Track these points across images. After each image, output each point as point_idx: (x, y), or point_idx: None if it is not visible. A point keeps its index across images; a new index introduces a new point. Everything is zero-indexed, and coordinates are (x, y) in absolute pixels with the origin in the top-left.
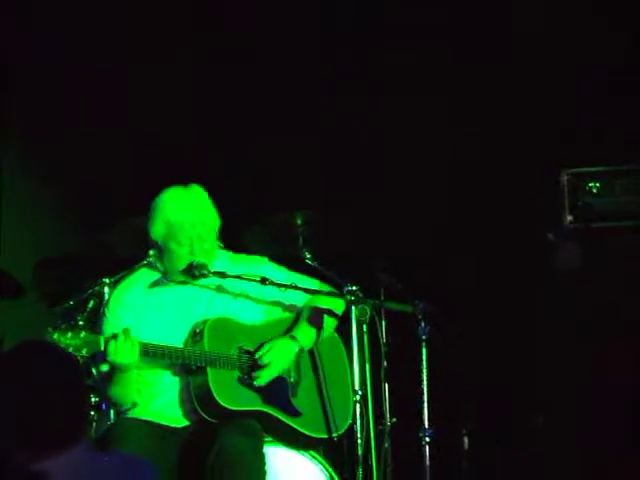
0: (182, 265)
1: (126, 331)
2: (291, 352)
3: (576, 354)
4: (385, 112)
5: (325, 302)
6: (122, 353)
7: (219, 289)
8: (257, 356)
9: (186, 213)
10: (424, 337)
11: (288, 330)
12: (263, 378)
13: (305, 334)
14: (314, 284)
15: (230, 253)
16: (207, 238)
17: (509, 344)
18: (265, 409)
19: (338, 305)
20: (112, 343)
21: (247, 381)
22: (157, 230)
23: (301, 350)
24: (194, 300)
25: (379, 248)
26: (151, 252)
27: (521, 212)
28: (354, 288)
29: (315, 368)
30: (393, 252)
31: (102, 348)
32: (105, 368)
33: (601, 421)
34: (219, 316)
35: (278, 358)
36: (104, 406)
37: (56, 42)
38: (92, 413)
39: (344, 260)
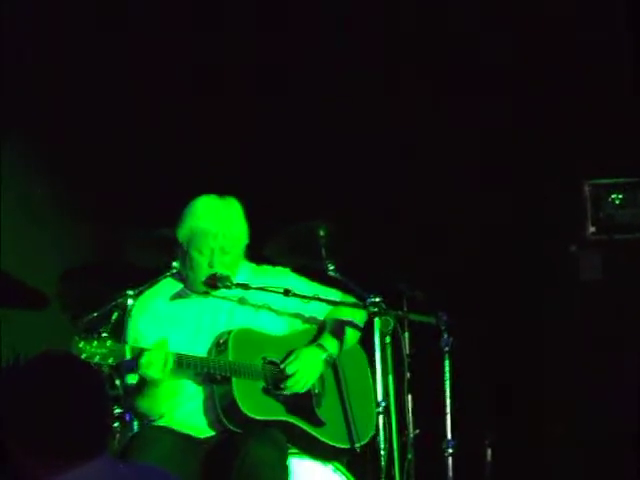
0: (201, 275)
1: (161, 344)
2: (319, 360)
3: (598, 365)
4: (408, 123)
5: (347, 314)
6: (155, 367)
7: (241, 301)
8: (282, 366)
9: (212, 223)
10: (447, 348)
11: (313, 340)
12: (289, 387)
13: (331, 342)
14: (336, 295)
15: (253, 265)
16: (229, 251)
17: (532, 355)
18: (289, 419)
19: (360, 316)
20: (146, 355)
21: (272, 391)
22: (183, 233)
23: (330, 357)
24: (216, 312)
25: (402, 259)
26: (174, 264)
27: (543, 223)
28: (377, 299)
29: (338, 379)
30: (415, 263)
31: (128, 357)
32: (132, 379)
33: (622, 431)
34: (243, 327)
35: (305, 367)
36: (127, 417)
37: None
38: (115, 424)
39: (367, 271)
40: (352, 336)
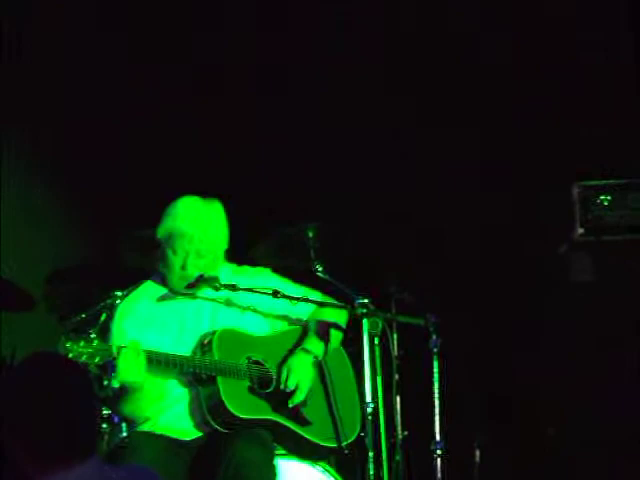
0: (174, 276)
1: (131, 347)
2: (308, 365)
3: (588, 367)
4: (397, 126)
5: (330, 315)
6: (131, 371)
7: (225, 301)
8: (282, 386)
9: (189, 225)
10: (435, 350)
11: (297, 342)
12: (296, 401)
13: (316, 344)
14: (317, 296)
15: (233, 265)
16: (205, 255)
17: (521, 356)
18: (276, 418)
19: (342, 317)
20: (120, 362)
21: (257, 390)
22: (161, 232)
23: (316, 359)
24: (199, 313)
25: (390, 261)
26: (161, 265)
27: (532, 224)
28: (366, 301)
29: (323, 379)
30: (404, 265)
31: (114, 355)
32: (115, 383)
33: (613, 431)
34: (227, 327)
35: (301, 377)
36: (116, 419)
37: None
38: (104, 426)
39: (355, 273)
40: (335, 337)
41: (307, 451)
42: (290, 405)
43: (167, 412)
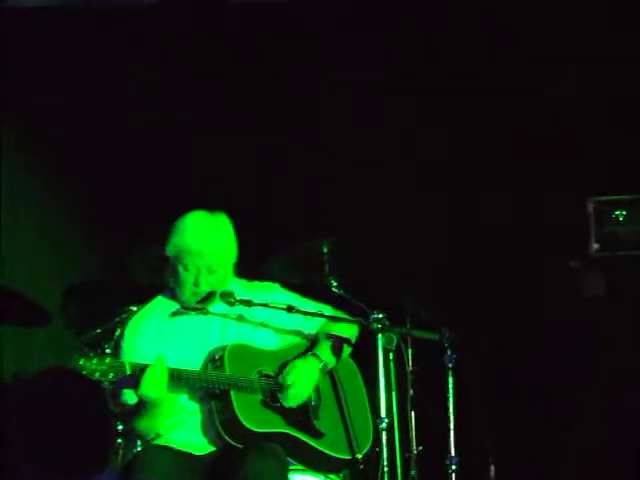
0: (186, 292)
1: (157, 364)
2: (314, 369)
3: (601, 381)
4: (405, 141)
5: (340, 328)
6: (155, 387)
7: (235, 317)
8: (280, 379)
9: (199, 241)
10: (450, 365)
11: (307, 350)
12: (287, 399)
13: (326, 352)
14: (327, 310)
15: (243, 281)
16: (216, 270)
17: (535, 371)
18: (289, 431)
19: (352, 331)
20: (144, 377)
21: (270, 404)
22: (170, 248)
23: (325, 367)
24: (209, 328)
25: (405, 276)
26: (171, 280)
27: (547, 240)
28: (381, 316)
29: (335, 391)
30: (418, 280)
31: (128, 372)
32: (130, 399)
33: (627, 446)
34: (237, 342)
35: (301, 378)
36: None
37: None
38: (119, 441)
39: (370, 288)
40: (345, 350)
41: (321, 464)
42: (282, 401)
43: (181, 427)
